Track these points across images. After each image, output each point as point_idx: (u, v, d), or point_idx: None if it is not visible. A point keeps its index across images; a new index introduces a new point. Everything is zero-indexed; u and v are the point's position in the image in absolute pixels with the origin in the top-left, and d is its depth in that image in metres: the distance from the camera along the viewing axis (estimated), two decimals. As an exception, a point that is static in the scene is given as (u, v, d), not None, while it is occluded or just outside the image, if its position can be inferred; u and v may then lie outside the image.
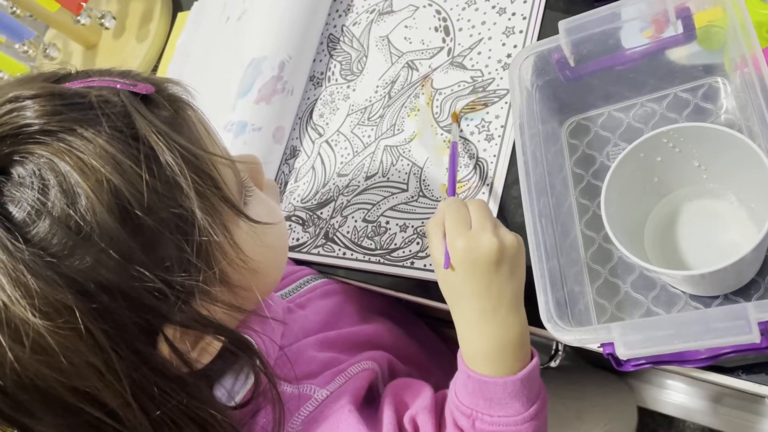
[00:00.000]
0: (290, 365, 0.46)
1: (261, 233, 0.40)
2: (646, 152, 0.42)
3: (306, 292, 0.56)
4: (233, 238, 0.37)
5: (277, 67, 0.63)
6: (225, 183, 0.37)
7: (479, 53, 0.57)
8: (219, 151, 0.39)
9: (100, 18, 0.81)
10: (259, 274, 0.40)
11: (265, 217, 0.40)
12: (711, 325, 0.34)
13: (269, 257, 0.42)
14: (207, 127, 0.40)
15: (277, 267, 0.44)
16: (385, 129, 0.60)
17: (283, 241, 0.45)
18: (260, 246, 0.40)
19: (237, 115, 0.63)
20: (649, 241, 0.44)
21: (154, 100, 0.36)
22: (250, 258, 0.38)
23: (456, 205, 0.44)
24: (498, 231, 0.42)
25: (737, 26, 0.39)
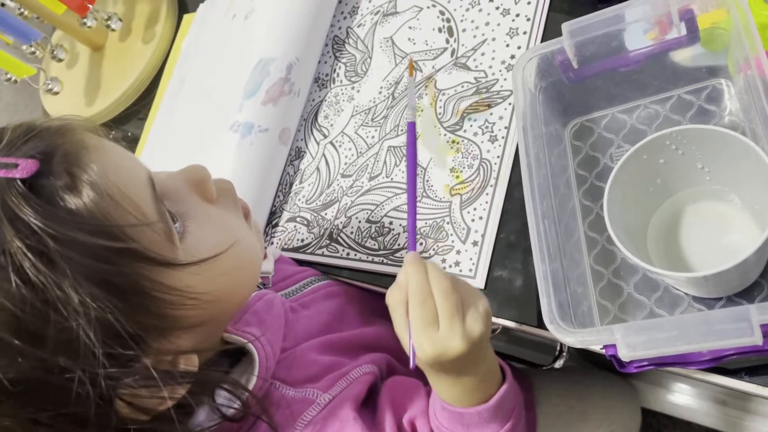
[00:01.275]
0: (292, 369, 0.46)
1: (211, 263, 0.37)
2: (649, 154, 0.42)
3: (310, 292, 0.56)
4: (173, 287, 0.35)
5: (284, 68, 0.64)
6: (142, 242, 0.33)
7: (483, 54, 0.58)
8: (132, 216, 0.34)
9: (107, 20, 0.81)
10: (222, 302, 0.38)
11: (213, 240, 0.38)
12: (713, 327, 0.34)
13: (229, 281, 0.39)
14: (123, 162, 0.36)
15: (243, 288, 0.41)
16: (388, 130, 0.61)
17: (244, 258, 0.41)
18: (214, 275, 0.37)
19: (243, 116, 0.63)
20: (652, 242, 0.44)
21: (42, 178, 0.32)
22: (204, 293, 0.36)
23: (421, 296, 0.39)
24: (466, 326, 0.39)
25: (741, 28, 0.39)
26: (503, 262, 0.50)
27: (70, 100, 0.87)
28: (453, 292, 0.39)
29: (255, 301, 0.46)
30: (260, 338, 0.42)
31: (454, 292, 0.39)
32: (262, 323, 0.44)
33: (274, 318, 0.46)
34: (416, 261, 0.41)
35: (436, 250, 0.53)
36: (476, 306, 0.40)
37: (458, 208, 0.54)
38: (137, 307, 0.33)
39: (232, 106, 0.65)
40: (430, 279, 0.40)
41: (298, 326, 0.50)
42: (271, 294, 0.48)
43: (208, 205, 0.40)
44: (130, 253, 0.33)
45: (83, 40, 0.84)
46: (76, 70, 0.87)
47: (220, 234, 0.39)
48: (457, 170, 0.55)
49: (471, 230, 0.53)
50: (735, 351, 0.36)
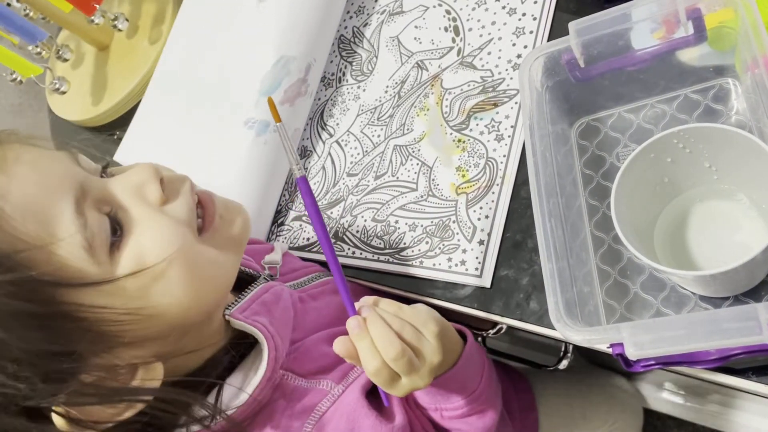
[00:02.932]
0: (304, 361, 0.46)
1: (155, 274, 0.36)
2: (656, 153, 0.42)
3: (318, 284, 0.56)
4: (100, 305, 0.34)
5: (304, 69, 0.64)
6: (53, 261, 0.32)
7: (489, 53, 0.58)
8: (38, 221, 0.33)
9: (113, 20, 0.81)
10: (175, 314, 0.37)
11: (150, 253, 0.36)
12: (721, 326, 0.34)
13: (178, 295, 0.37)
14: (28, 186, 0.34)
15: (199, 296, 0.39)
16: (394, 129, 0.61)
17: (195, 268, 0.38)
18: (154, 290, 0.36)
19: (260, 113, 0.63)
20: (659, 242, 0.44)
21: None
22: (142, 308, 0.35)
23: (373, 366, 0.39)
24: (426, 364, 0.40)
25: (748, 27, 0.39)
26: (509, 261, 0.50)
27: (76, 99, 0.87)
28: (402, 354, 0.39)
29: (262, 292, 0.46)
30: (269, 327, 0.42)
31: (404, 354, 0.39)
32: (270, 314, 0.44)
33: (282, 309, 0.46)
34: (359, 331, 0.40)
35: (442, 249, 0.54)
36: (427, 338, 0.41)
37: (464, 207, 0.54)
38: (60, 330, 0.32)
39: (248, 100, 0.63)
40: (378, 347, 0.39)
41: (307, 317, 0.50)
42: (279, 286, 0.48)
43: (154, 209, 0.38)
44: (30, 281, 0.32)
45: (89, 39, 0.84)
46: (82, 70, 0.88)
47: (161, 244, 0.37)
48: (463, 169, 0.55)
49: (477, 229, 0.53)
50: (742, 350, 0.36)
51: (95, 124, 0.85)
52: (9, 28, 0.78)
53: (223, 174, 0.62)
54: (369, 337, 0.39)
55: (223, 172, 0.62)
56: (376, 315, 0.40)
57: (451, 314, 0.47)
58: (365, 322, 0.40)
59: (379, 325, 0.40)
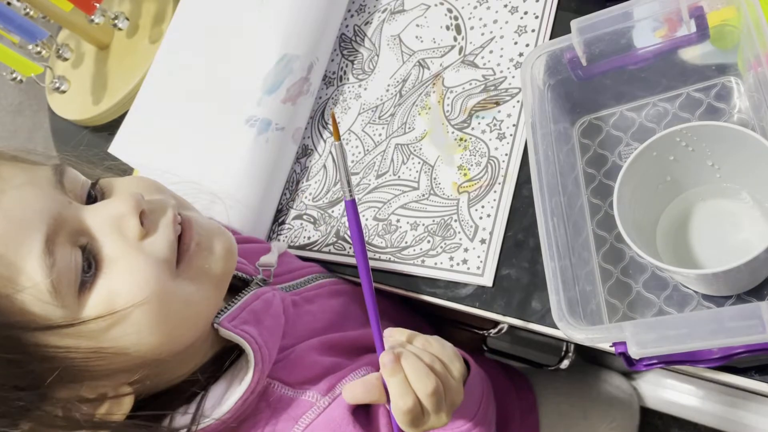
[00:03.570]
0: (292, 369, 0.45)
1: (125, 316, 0.35)
2: (659, 151, 0.42)
3: (315, 287, 0.55)
4: (65, 346, 0.33)
5: (306, 68, 0.63)
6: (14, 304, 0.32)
7: (491, 52, 0.57)
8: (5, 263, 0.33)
9: (114, 19, 0.81)
10: (145, 353, 0.36)
11: (122, 293, 0.35)
12: (724, 324, 0.34)
13: (148, 335, 0.36)
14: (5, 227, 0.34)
15: (173, 335, 0.38)
16: (396, 127, 0.61)
17: (167, 310, 0.37)
18: (122, 331, 0.35)
19: (262, 111, 0.62)
20: (661, 240, 0.44)
21: None
22: (110, 347, 0.35)
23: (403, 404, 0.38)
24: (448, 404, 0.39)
25: (751, 25, 0.39)
26: (511, 260, 0.50)
27: (76, 99, 0.87)
28: (435, 392, 0.38)
29: (253, 300, 0.45)
30: (257, 338, 0.41)
31: (437, 392, 0.38)
32: (259, 323, 0.43)
33: (271, 317, 0.45)
34: (393, 366, 0.38)
35: (444, 248, 0.53)
36: (454, 375, 0.40)
37: (466, 206, 0.54)
38: (24, 368, 0.32)
39: (250, 99, 0.63)
40: (412, 384, 0.38)
41: (300, 322, 0.50)
42: (270, 292, 0.47)
43: (131, 246, 0.37)
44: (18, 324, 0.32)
45: (89, 38, 0.84)
46: (82, 69, 0.87)
47: (134, 287, 0.36)
48: (464, 168, 0.55)
49: (479, 228, 0.52)
50: (745, 349, 0.36)
51: (95, 123, 0.85)
52: (9, 27, 0.78)
53: (224, 172, 0.62)
54: (403, 372, 0.38)
55: (224, 170, 0.62)
56: (409, 351, 0.39)
57: (453, 313, 0.47)
58: (398, 357, 0.39)
59: (413, 360, 0.39)
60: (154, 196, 0.40)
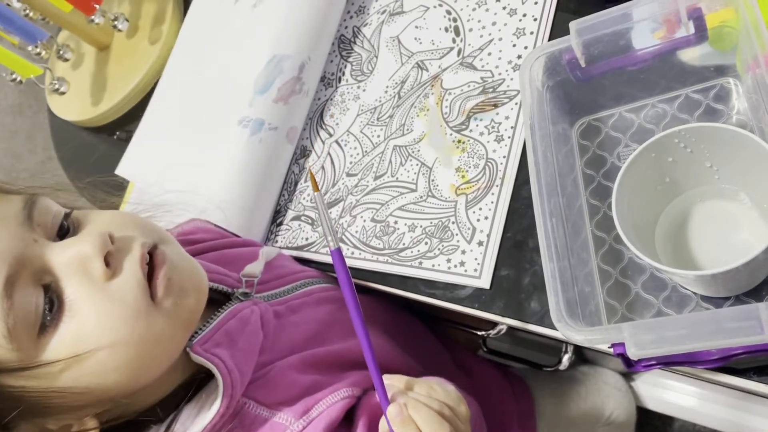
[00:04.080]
0: (269, 388, 0.44)
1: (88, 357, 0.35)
2: (657, 152, 0.42)
3: (301, 295, 0.54)
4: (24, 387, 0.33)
5: (297, 67, 0.64)
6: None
7: (489, 54, 0.58)
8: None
9: (113, 20, 0.81)
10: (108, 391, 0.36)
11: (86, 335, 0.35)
12: (723, 325, 0.33)
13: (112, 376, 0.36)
14: None
15: (137, 375, 0.38)
16: (394, 129, 0.61)
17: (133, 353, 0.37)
18: (85, 372, 0.35)
19: (254, 111, 0.63)
20: (660, 241, 0.44)
21: None
22: (73, 387, 0.35)
23: None
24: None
25: (749, 27, 0.39)
26: (510, 261, 0.50)
27: (76, 100, 0.87)
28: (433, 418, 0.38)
29: (228, 319, 0.44)
30: (227, 362, 0.41)
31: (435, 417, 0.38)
32: (232, 344, 0.42)
33: (246, 337, 0.44)
34: (403, 419, 0.38)
35: (441, 250, 0.53)
36: (461, 419, 0.40)
37: (464, 208, 0.54)
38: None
39: (242, 100, 0.64)
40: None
41: (282, 335, 0.48)
42: (248, 309, 0.46)
43: (96, 288, 0.36)
44: None
45: (89, 39, 0.84)
46: (82, 70, 0.87)
47: (98, 331, 0.36)
48: (462, 170, 0.55)
49: (476, 230, 0.52)
50: (744, 350, 0.36)
51: (95, 124, 0.85)
52: (9, 29, 0.78)
53: (218, 174, 0.62)
54: (414, 424, 0.38)
55: (219, 172, 0.62)
56: (415, 400, 0.39)
57: (452, 314, 0.47)
58: (405, 408, 0.38)
59: (423, 410, 0.38)
60: (125, 233, 0.39)
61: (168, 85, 0.74)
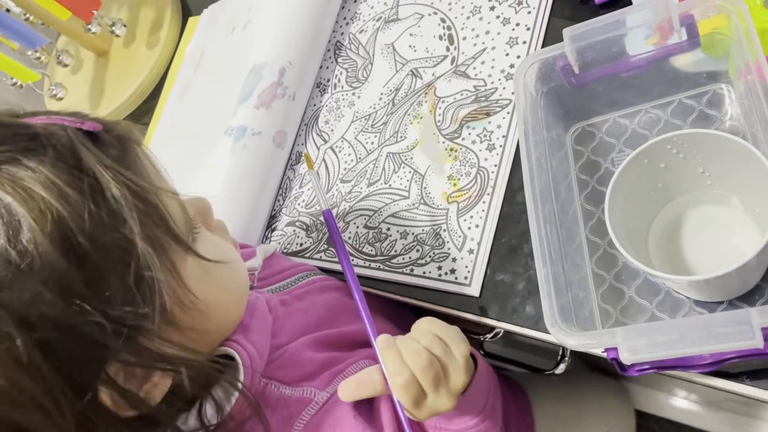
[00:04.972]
0: (288, 367, 0.45)
1: (211, 272, 0.39)
2: (650, 158, 0.42)
3: (305, 284, 0.55)
4: (180, 275, 0.36)
5: (277, 72, 0.64)
6: (171, 217, 0.37)
7: (483, 63, 0.58)
8: (167, 187, 0.39)
9: (111, 26, 0.82)
10: (211, 317, 0.39)
11: (214, 256, 0.39)
12: (715, 330, 0.33)
13: (220, 299, 0.40)
14: (155, 166, 0.40)
15: (231, 311, 0.42)
16: (388, 136, 0.61)
17: (236, 282, 0.43)
18: (210, 286, 0.39)
19: (237, 120, 0.63)
20: (653, 246, 0.44)
21: (102, 138, 0.36)
22: (198, 299, 0.37)
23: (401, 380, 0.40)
24: (451, 385, 0.41)
25: (741, 34, 0.39)
26: (505, 266, 0.50)
27: (74, 105, 0.87)
28: (430, 367, 0.40)
29: None
30: (243, 343, 0.42)
31: (431, 366, 0.40)
32: (245, 329, 0.44)
33: (257, 320, 0.45)
34: (388, 345, 0.42)
35: (432, 257, 0.53)
36: (456, 356, 0.42)
37: (455, 216, 0.54)
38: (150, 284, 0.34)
39: (228, 113, 0.65)
40: (406, 360, 0.40)
41: (290, 321, 0.49)
42: (253, 296, 0.48)
43: (207, 231, 0.42)
44: (160, 216, 0.36)
45: (88, 45, 0.85)
46: (81, 75, 0.88)
47: (220, 252, 0.41)
48: (454, 178, 0.55)
49: (467, 238, 0.52)
50: (736, 354, 0.36)
51: (91, 130, 0.85)
52: (8, 34, 0.79)
53: (212, 185, 0.62)
54: (397, 349, 0.41)
55: (212, 183, 0.63)
56: (406, 336, 0.42)
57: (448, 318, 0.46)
58: (393, 339, 0.41)
59: (407, 339, 0.41)
60: None
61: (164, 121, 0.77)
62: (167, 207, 0.37)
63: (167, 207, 0.37)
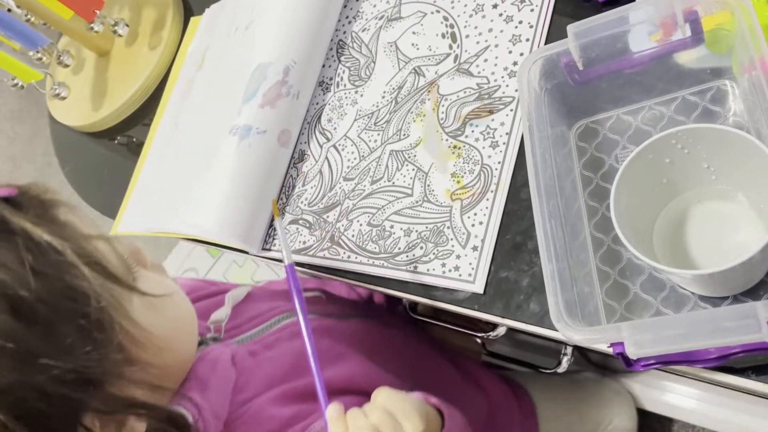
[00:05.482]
0: (250, 425, 0.45)
1: (157, 307, 0.41)
2: (654, 154, 0.42)
3: (276, 331, 0.55)
4: (129, 314, 0.38)
5: (281, 71, 0.64)
6: (109, 261, 0.38)
7: (486, 60, 0.58)
8: (97, 233, 0.40)
9: (113, 26, 0.82)
10: (167, 350, 0.41)
11: (157, 291, 0.41)
12: (721, 325, 0.33)
13: (173, 330, 0.42)
14: (80, 216, 0.40)
15: (184, 340, 0.44)
16: (391, 134, 0.61)
17: (183, 310, 0.45)
18: (160, 320, 0.41)
19: (242, 119, 0.63)
20: (658, 242, 0.44)
21: (19, 200, 0.37)
22: (152, 333, 0.39)
23: None
24: None
25: (745, 29, 0.39)
26: (509, 263, 0.50)
27: (76, 105, 0.87)
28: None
29: (196, 363, 0.46)
30: (199, 402, 0.42)
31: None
32: (204, 387, 0.44)
33: (218, 378, 0.45)
34: (338, 416, 0.41)
35: (437, 255, 0.53)
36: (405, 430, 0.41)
37: (459, 213, 0.54)
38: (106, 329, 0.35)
39: (232, 112, 0.65)
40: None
41: (258, 372, 0.49)
42: (216, 351, 0.48)
43: (144, 270, 0.44)
44: (97, 261, 0.37)
45: (90, 45, 0.85)
46: (83, 75, 0.88)
47: (162, 287, 0.43)
48: (458, 175, 0.55)
49: (471, 235, 0.52)
50: (742, 349, 0.36)
51: (95, 129, 0.85)
52: (10, 34, 0.79)
53: (217, 185, 0.62)
54: (345, 424, 0.40)
55: (217, 182, 0.62)
56: (359, 409, 0.41)
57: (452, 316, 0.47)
58: (343, 412, 0.41)
59: (358, 412, 0.41)
60: None
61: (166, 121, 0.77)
62: (102, 252, 0.38)
63: (102, 252, 0.38)
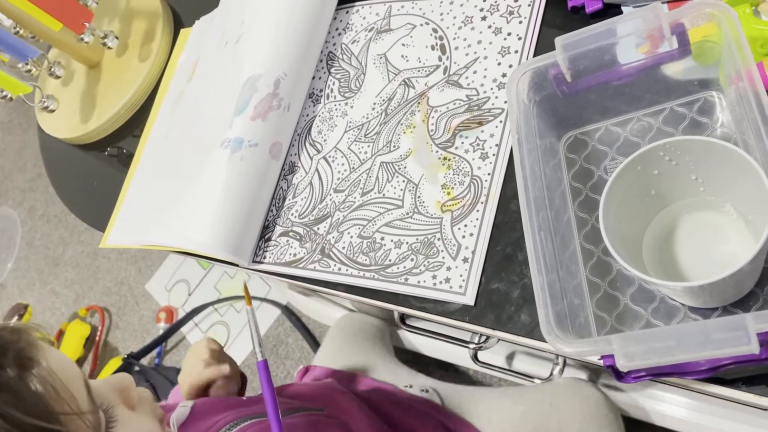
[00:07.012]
0: None
1: None
2: (643, 165, 0.42)
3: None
4: None
5: (272, 84, 0.64)
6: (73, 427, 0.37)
7: (475, 72, 0.58)
8: (68, 406, 0.39)
9: (103, 38, 0.82)
10: None
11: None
12: (711, 336, 0.33)
13: None
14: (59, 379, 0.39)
15: None
16: (381, 146, 0.61)
17: None
18: None
19: (234, 132, 0.63)
20: (647, 253, 0.44)
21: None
22: None
23: None
24: None
25: (731, 41, 0.39)
26: (500, 274, 0.50)
27: (66, 117, 0.87)
28: None
29: None
30: None
31: None
32: None
33: None
34: None
35: (427, 267, 0.53)
36: None
37: (449, 225, 0.54)
38: None
39: (224, 125, 0.65)
40: None
41: None
42: None
43: (129, 411, 0.43)
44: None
45: (79, 57, 0.85)
46: (72, 87, 0.87)
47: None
48: (448, 187, 0.55)
49: (461, 246, 0.52)
50: (732, 360, 0.36)
51: (84, 141, 0.85)
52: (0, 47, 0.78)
53: (209, 197, 0.62)
54: None
55: (209, 195, 0.62)
56: None
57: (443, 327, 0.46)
58: None
59: None
60: None
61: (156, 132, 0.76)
62: (68, 420, 0.37)
63: (68, 420, 0.37)
